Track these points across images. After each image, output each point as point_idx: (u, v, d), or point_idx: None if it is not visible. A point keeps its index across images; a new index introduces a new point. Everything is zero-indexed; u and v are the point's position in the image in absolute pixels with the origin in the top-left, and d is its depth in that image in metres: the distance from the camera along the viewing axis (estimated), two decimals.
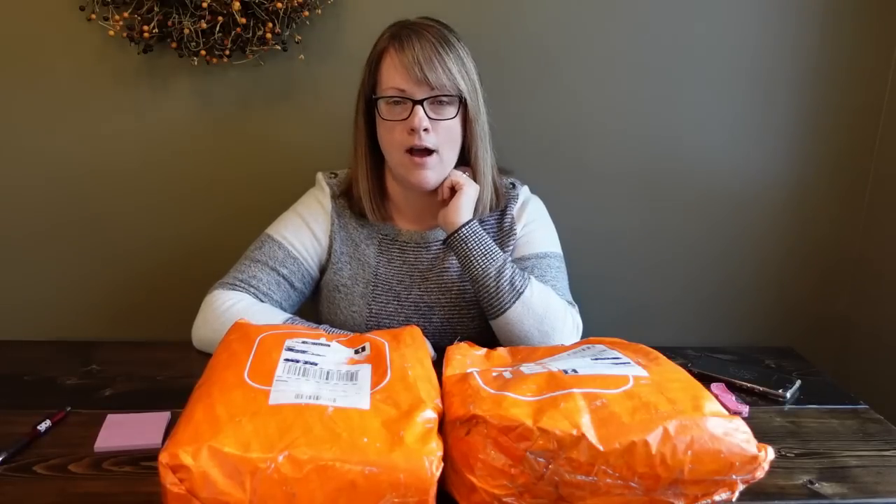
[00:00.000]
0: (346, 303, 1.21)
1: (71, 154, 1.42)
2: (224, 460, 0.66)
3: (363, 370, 0.82)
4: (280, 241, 1.19)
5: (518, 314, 1.10)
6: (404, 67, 1.07)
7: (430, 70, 1.07)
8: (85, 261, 1.48)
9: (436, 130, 1.10)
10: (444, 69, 1.08)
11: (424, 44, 1.08)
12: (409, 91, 1.08)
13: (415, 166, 1.11)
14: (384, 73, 1.10)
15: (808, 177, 1.54)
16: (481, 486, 0.73)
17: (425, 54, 1.07)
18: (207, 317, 1.12)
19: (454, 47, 1.11)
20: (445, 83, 1.08)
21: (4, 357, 1.14)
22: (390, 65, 1.09)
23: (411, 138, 1.09)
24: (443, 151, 1.12)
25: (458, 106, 1.11)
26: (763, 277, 1.60)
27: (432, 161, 1.11)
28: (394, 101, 1.09)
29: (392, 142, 1.11)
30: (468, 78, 1.12)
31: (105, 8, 1.30)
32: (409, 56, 1.07)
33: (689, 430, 0.74)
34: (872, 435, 1.00)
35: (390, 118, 1.10)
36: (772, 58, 1.46)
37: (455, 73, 1.09)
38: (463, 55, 1.12)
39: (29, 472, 0.84)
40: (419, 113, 1.07)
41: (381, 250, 1.21)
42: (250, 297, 1.14)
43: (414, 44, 1.07)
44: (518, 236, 1.23)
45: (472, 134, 1.15)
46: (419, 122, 1.07)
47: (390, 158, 1.14)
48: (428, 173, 1.12)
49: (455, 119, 1.11)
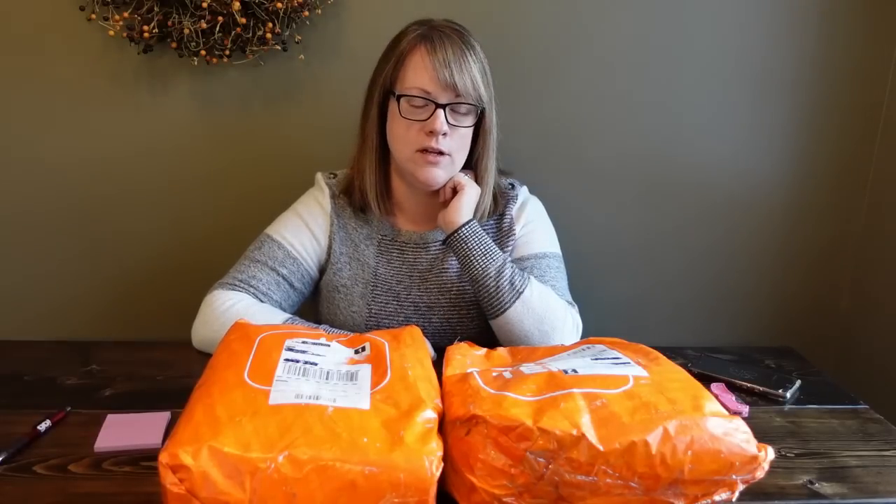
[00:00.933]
0: (345, 303, 1.21)
1: (71, 154, 1.42)
2: (224, 460, 0.66)
3: (363, 370, 0.82)
4: (279, 242, 1.19)
5: (518, 314, 1.10)
6: (434, 69, 1.07)
7: (459, 76, 1.07)
8: (85, 261, 1.48)
9: (452, 136, 1.10)
10: (472, 77, 1.08)
11: (456, 49, 1.08)
12: (434, 94, 1.08)
13: (426, 163, 1.11)
14: (410, 71, 1.09)
15: (808, 177, 1.54)
16: (481, 486, 0.73)
17: (456, 60, 1.07)
18: (207, 317, 1.12)
19: (479, 56, 1.12)
20: (470, 91, 1.08)
21: (4, 357, 1.14)
22: (419, 64, 1.08)
23: (427, 140, 1.09)
24: (455, 155, 1.13)
25: (475, 115, 1.12)
26: (763, 277, 1.60)
27: (444, 161, 1.12)
28: (417, 102, 1.09)
29: (406, 140, 1.11)
30: (488, 87, 1.13)
31: (105, 8, 1.30)
32: (440, 58, 1.07)
33: (689, 430, 0.74)
34: (872, 435, 1.00)
35: (410, 117, 1.10)
36: (772, 57, 1.46)
37: (479, 80, 1.10)
38: (485, 65, 1.13)
39: (29, 472, 0.84)
40: (440, 117, 1.08)
41: (380, 250, 1.21)
42: (250, 298, 1.14)
43: (447, 48, 1.07)
44: (517, 237, 1.23)
45: (483, 144, 1.16)
46: (440, 126, 1.08)
47: (399, 155, 1.14)
48: (438, 171, 1.12)
49: (471, 128, 1.12)
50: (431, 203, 1.19)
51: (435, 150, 1.09)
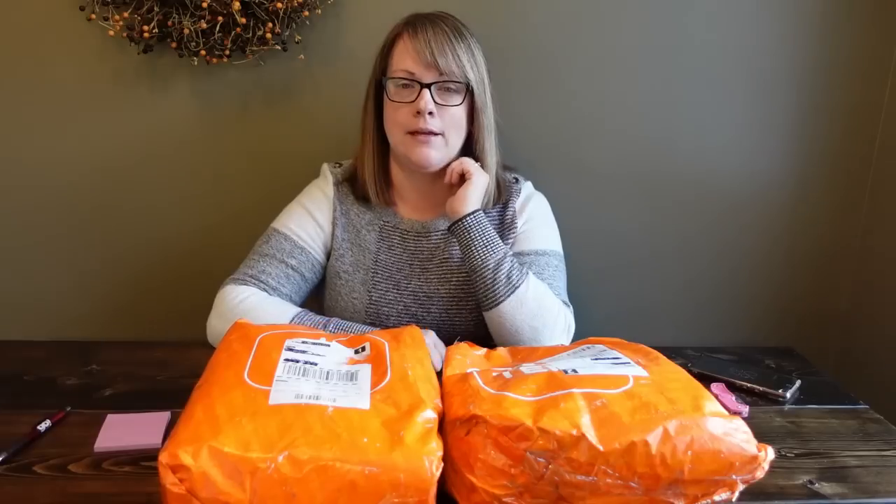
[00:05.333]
0: (346, 289, 1.21)
1: (71, 154, 1.42)
2: (224, 460, 0.66)
3: (363, 370, 0.82)
4: (286, 233, 1.20)
5: (511, 308, 1.10)
6: (415, 51, 1.10)
7: (441, 55, 1.09)
8: (85, 261, 1.48)
9: (441, 115, 1.12)
10: (454, 56, 1.10)
11: (437, 31, 1.11)
12: (417, 74, 1.10)
13: (417, 143, 1.12)
14: (395, 56, 1.13)
15: (808, 176, 1.54)
16: (481, 486, 0.73)
17: (437, 40, 1.10)
18: (222, 311, 1.13)
19: (466, 39, 1.13)
20: (454, 69, 1.10)
21: (4, 357, 1.15)
22: (402, 49, 1.12)
23: (416, 121, 1.11)
24: (448, 134, 1.13)
25: (464, 94, 1.13)
26: (763, 277, 1.60)
27: (436, 141, 1.13)
28: (402, 83, 1.12)
29: (396, 122, 1.13)
30: (477, 69, 1.14)
31: (105, 8, 1.30)
32: (421, 40, 1.10)
33: (689, 430, 0.74)
34: (872, 435, 1.00)
35: (397, 99, 1.12)
36: (771, 57, 1.46)
37: (465, 61, 1.11)
38: (474, 48, 1.15)
39: (29, 472, 0.84)
40: (426, 96, 1.10)
41: (382, 236, 1.22)
42: (261, 292, 1.15)
43: (427, 30, 1.10)
44: (518, 231, 1.23)
45: (478, 124, 1.16)
46: (425, 105, 1.09)
47: (393, 139, 1.16)
48: (430, 151, 1.13)
49: (461, 106, 1.13)
50: (431, 191, 1.20)
51: (425, 131, 1.11)
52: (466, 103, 1.13)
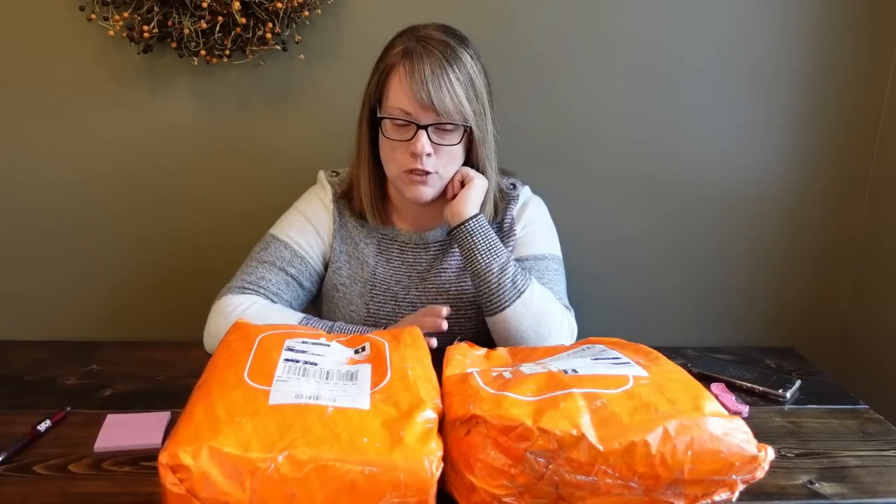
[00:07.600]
0: (344, 302, 1.21)
1: (70, 154, 1.42)
2: (224, 460, 0.66)
3: (363, 370, 0.82)
4: (286, 241, 1.19)
5: (517, 313, 1.10)
6: (412, 91, 1.05)
7: (437, 94, 1.04)
8: (85, 261, 1.48)
9: (438, 154, 1.09)
10: (452, 94, 1.05)
11: (434, 64, 1.05)
12: (414, 115, 1.06)
13: (413, 183, 1.11)
14: (391, 92, 1.08)
15: (808, 176, 1.54)
16: (481, 486, 0.73)
17: (434, 76, 1.04)
18: (220, 322, 1.09)
19: (464, 66, 1.08)
20: (451, 109, 1.06)
21: (4, 357, 1.14)
22: (398, 85, 1.07)
23: (412, 161, 1.08)
24: (442, 171, 1.12)
25: (463, 132, 1.10)
26: (763, 277, 1.60)
27: (431, 179, 1.11)
28: (399, 122, 1.08)
29: (394, 160, 1.11)
30: (476, 100, 1.09)
31: (105, 8, 1.30)
32: (417, 79, 1.04)
33: (689, 430, 0.74)
34: (872, 435, 1.00)
35: (394, 138, 1.09)
36: (771, 58, 1.46)
37: (462, 97, 1.06)
38: (472, 73, 1.09)
39: (29, 472, 0.84)
40: (422, 139, 1.07)
41: (379, 249, 1.21)
42: (262, 299, 1.13)
43: (424, 64, 1.05)
44: (517, 237, 1.22)
45: (476, 155, 1.15)
46: (421, 148, 1.07)
47: (389, 172, 1.14)
48: (425, 189, 1.12)
49: (459, 144, 1.11)
50: (429, 208, 1.18)
51: (420, 172, 1.09)
52: (465, 139, 1.11)
